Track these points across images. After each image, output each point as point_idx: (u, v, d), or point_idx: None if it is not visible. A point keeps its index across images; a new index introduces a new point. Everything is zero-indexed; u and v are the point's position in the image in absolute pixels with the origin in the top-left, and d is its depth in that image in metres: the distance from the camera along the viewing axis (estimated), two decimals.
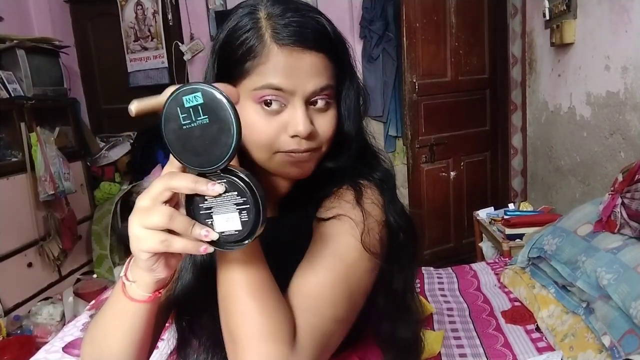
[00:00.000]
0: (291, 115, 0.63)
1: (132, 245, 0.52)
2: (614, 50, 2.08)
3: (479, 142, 3.31)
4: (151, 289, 0.57)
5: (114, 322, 0.61)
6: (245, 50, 0.63)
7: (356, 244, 0.65)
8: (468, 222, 3.21)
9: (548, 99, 2.81)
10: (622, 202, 1.57)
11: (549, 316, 1.66)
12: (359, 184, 0.72)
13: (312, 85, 0.63)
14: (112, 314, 0.62)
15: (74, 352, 1.65)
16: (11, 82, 2.92)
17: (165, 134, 0.50)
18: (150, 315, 0.61)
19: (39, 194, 2.88)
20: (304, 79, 0.63)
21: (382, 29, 3.34)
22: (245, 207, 0.50)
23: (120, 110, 4.12)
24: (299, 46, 0.62)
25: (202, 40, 3.73)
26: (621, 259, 1.45)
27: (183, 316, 0.73)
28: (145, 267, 0.54)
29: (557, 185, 2.76)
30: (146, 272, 0.55)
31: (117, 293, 0.60)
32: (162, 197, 0.50)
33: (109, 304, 0.62)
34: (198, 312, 0.71)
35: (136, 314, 0.59)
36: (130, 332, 0.61)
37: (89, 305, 2.16)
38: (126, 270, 0.59)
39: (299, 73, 0.63)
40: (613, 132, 2.13)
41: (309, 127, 0.63)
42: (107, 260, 3.41)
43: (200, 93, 0.48)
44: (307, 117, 0.64)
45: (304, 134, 0.63)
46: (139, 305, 0.58)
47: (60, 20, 3.79)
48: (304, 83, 0.63)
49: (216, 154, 0.49)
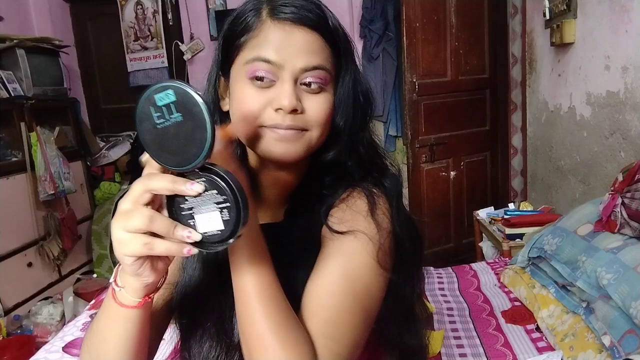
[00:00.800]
0: (279, 89, 0.63)
1: (115, 250, 0.51)
2: (614, 50, 2.08)
3: (479, 142, 3.31)
4: (140, 294, 0.56)
5: (108, 328, 0.60)
6: (242, 28, 0.65)
7: (372, 263, 0.64)
8: (468, 222, 3.21)
9: (548, 99, 2.81)
10: (622, 202, 1.57)
11: (549, 316, 1.66)
12: (371, 192, 0.70)
13: (303, 61, 0.63)
14: (106, 320, 0.61)
15: (74, 352, 1.65)
16: (11, 81, 2.92)
17: (140, 134, 0.49)
18: (144, 320, 0.60)
19: (39, 194, 2.88)
20: (295, 54, 0.63)
21: (382, 28, 3.34)
22: (226, 205, 0.49)
23: (120, 109, 4.13)
24: (292, 21, 0.63)
25: (202, 39, 3.74)
26: (621, 259, 1.45)
27: (188, 307, 0.72)
28: (131, 271, 0.53)
29: (557, 185, 2.76)
30: (133, 277, 0.54)
31: (108, 299, 0.59)
32: (142, 199, 0.49)
33: (103, 310, 0.61)
34: (204, 298, 0.70)
35: (128, 320, 0.58)
36: (124, 337, 0.60)
37: (89, 305, 2.16)
38: (115, 276, 0.57)
39: (290, 48, 0.63)
40: (613, 132, 2.13)
41: (293, 102, 0.62)
42: (107, 260, 3.41)
43: (172, 90, 0.48)
44: (294, 93, 0.63)
45: (288, 107, 0.62)
46: (130, 310, 0.57)
47: (60, 20, 3.79)
48: (294, 58, 0.63)
49: (192, 152, 0.48)
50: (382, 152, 0.76)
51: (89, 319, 1.94)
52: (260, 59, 0.63)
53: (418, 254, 0.74)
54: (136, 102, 0.48)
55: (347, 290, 0.62)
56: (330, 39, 0.66)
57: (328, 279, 0.63)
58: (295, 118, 0.63)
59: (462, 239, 3.28)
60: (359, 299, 0.63)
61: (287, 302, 0.59)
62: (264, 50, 0.63)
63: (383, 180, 0.72)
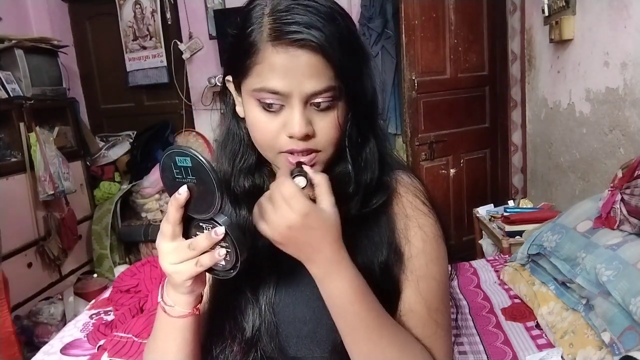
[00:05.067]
0: (289, 115, 0.62)
1: (173, 279, 0.61)
2: (613, 46, 2.08)
3: (479, 139, 3.30)
4: (193, 304, 0.65)
5: (167, 342, 0.67)
6: (245, 49, 0.62)
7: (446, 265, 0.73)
8: (468, 219, 3.21)
9: (547, 96, 2.81)
10: (621, 198, 1.57)
11: (548, 313, 1.66)
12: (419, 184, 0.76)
13: (310, 86, 0.61)
14: (164, 335, 0.68)
15: (73, 352, 1.65)
16: (10, 82, 2.92)
17: (162, 179, 0.60)
18: (198, 322, 0.68)
19: (39, 194, 2.88)
20: (301, 79, 0.60)
21: (381, 26, 3.33)
22: (227, 250, 0.59)
23: (120, 109, 4.13)
24: (293, 45, 0.59)
25: (201, 38, 3.73)
26: (621, 256, 1.44)
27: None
28: (187, 291, 0.62)
29: (557, 182, 2.76)
30: (188, 295, 0.63)
31: (162, 317, 0.66)
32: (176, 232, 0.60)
33: (158, 329, 0.69)
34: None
35: (186, 328, 0.66)
36: (184, 344, 0.67)
37: (89, 305, 2.16)
38: (162, 295, 0.66)
39: (295, 74, 0.60)
40: (612, 128, 2.13)
41: (304, 129, 0.62)
42: (108, 259, 3.41)
43: (189, 158, 0.56)
44: (304, 118, 0.62)
45: (299, 135, 0.62)
46: (186, 319, 0.65)
47: (58, 20, 3.79)
48: (301, 84, 0.61)
49: (202, 207, 0.58)
50: (390, 153, 0.78)
51: (89, 319, 1.94)
52: (267, 90, 0.61)
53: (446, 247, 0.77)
54: (163, 153, 0.58)
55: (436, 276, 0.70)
56: (336, 54, 0.61)
57: (425, 293, 0.69)
58: (308, 142, 0.64)
59: (462, 237, 3.28)
60: (444, 283, 0.72)
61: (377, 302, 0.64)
62: (269, 80, 0.61)
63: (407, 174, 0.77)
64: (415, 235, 0.70)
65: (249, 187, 0.72)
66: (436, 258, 0.71)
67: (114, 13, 3.78)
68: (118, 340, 1.60)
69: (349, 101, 0.66)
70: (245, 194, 0.71)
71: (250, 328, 0.70)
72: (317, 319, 0.69)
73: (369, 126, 0.71)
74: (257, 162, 0.72)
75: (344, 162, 0.69)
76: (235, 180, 0.72)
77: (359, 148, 0.69)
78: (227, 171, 0.72)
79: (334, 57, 0.61)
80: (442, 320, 0.70)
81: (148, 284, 2.04)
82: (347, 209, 0.67)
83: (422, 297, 0.68)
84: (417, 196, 0.73)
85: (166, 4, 3.71)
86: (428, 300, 0.69)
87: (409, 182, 0.75)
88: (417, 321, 0.68)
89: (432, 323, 0.69)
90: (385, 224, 0.70)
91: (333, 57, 0.61)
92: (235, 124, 0.72)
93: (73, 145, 3.45)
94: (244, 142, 0.72)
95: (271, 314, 0.70)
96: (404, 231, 0.70)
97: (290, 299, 0.71)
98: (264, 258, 0.70)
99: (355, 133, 0.68)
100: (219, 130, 0.76)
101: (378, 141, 0.72)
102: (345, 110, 0.65)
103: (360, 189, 0.69)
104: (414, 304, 0.68)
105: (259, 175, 0.73)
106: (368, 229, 0.70)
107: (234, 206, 0.72)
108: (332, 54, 0.60)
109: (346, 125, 0.66)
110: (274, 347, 0.69)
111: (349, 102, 0.66)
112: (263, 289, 0.71)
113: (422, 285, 0.69)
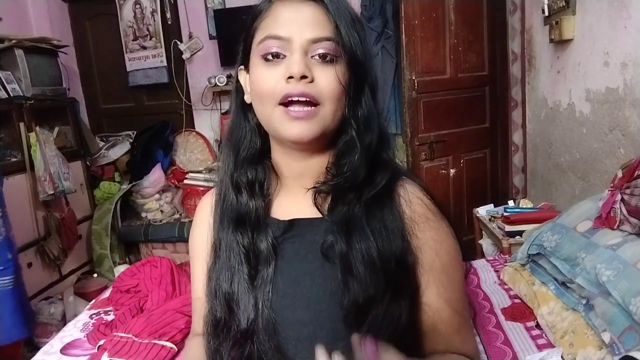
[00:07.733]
0: (289, 61, 0.66)
1: None
2: (613, 46, 2.08)
3: (479, 140, 3.30)
4: None
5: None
6: (255, 15, 0.71)
7: (459, 256, 0.76)
8: (468, 219, 3.21)
9: (547, 96, 2.81)
10: (621, 198, 1.56)
11: (548, 313, 1.66)
12: (423, 183, 0.78)
13: (310, 33, 0.66)
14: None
15: (72, 352, 1.65)
16: (10, 82, 2.92)
17: None
18: None
19: (39, 194, 2.88)
20: (303, 26, 0.66)
21: (381, 26, 3.33)
22: None
23: (120, 109, 4.13)
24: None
25: (201, 38, 3.73)
26: (621, 256, 1.44)
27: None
28: None
29: (557, 182, 2.76)
30: None
31: None
32: None
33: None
34: None
35: None
36: None
37: (89, 305, 2.16)
38: None
39: (298, 22, 0.66)
40: (612, 128, 2.13)
41: (302, 68, 0.65)
42: (108, 259, 3.41)
43: None
44: (303, 61, 0.66)
45: (297, 74, 0.64)
46: None
47: (58, 20, 3.79)
48: (302, 30, 0.66)
49: None
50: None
51: (89, 319, 1.94)
52: (270, 36, 0.67)
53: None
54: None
55: (455, 273, 0.74)
56: (339, 13, 0.68)
57: (440, 282, 0.72)
58: (306, 86, 0.65)
59: (462, 237, 3.22)
60: (462, 280, 0.76)
61: None
62: (273, 28, 0.67)
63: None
64: (429, 233, 0.73)
65: (251, 177, 0.75)
66: (453, 256, 0.74)
67: (114, 13, 3.78)
68: (118, 340, 1.59)
69: (349, 67, 0.68)
70: (247, 184, 0.75)
71: (246, 320, 0.70)
72: (317, 321, 0.69)
73: (371, 97, 0.73)
74: (260, 152, 0.76)
75: (349, 129, 0.71)
76: (239, 170, 0.75)
77: (359, 110, 0.72)
78: (231, 162, 0.76)
79: (335, 13, 0.67)
80: (467, 314, 0.74)
81: (148, 284, 2.04)
82: (359, 195, 0.70)
83: (447, 295, 0.72)
84: (425, 196, 0.75)
85: (166, 4, 3.71)
86: (453, 299, 0.72)
87: (415, 186, 0.77)
88: (448, 319, 0.72)
89: (459, 318, 0.73)
90: (398, 218, 0.72)
91: (334, 12, 0.67)
92: (242, 114, 0.76)
93: (73, 145, 3.45)
94: (249, 132, 0.76)
95: (269, 311, 0.70)
96: (414, 227, 0.72)
97: (290, 301, 0.71)
98: (264, 257, 0.71)
99: (355, 98, 0.71)
100: (229, 121, 0.80)
101: (377, 108, 0.75)
102: (345, 73, 0.68)
103: (364, 151, 0.71)
104: (441, 303, 0.72)
105: (261, 167, 0.76)
106: (382, 218, 0.72)
107: (235, 193, 0.75)
108: (333, 10, 0.67)
109: (349, 88, 0.69)
110: (272, 347, 0.69)
111: (350, 68, 0.68)
112: (260, 284, 0.72)
113: (445, 282, 0.72)
